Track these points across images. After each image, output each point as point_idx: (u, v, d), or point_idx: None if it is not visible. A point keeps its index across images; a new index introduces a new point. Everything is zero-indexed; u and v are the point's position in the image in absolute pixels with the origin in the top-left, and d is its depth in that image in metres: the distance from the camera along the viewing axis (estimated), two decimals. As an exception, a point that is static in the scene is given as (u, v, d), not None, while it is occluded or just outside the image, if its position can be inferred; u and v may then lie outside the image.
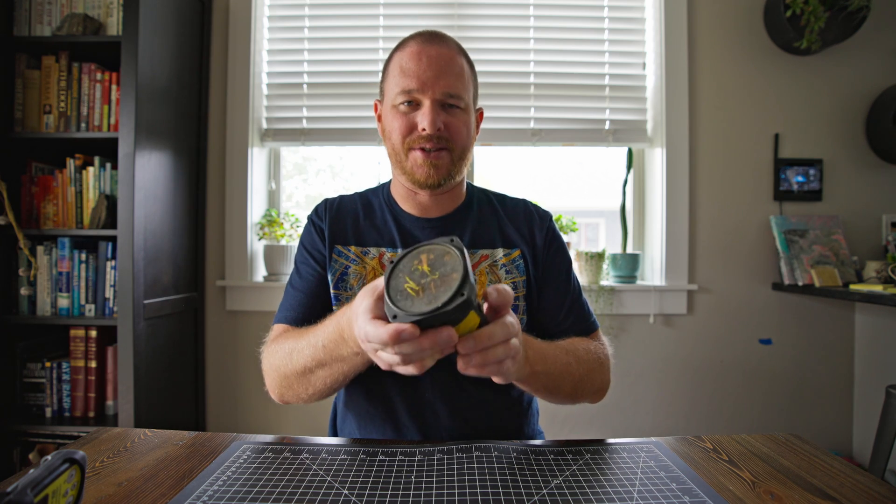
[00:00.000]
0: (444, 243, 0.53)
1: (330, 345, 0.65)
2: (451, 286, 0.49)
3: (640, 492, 0.57)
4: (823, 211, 1.86)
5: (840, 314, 1.88)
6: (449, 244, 0.53)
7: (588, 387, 0.80)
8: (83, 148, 1.63)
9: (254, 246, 1.91)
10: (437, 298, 0.48)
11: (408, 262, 0.53)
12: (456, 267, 0.50)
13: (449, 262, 0.51)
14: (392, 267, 0.54)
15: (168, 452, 0.68)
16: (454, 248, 0.52)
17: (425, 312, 0.48)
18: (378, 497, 0.56)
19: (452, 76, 0.80)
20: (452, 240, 0.53)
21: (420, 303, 0.49)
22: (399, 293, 0.51)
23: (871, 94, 1.86)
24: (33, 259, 1.58)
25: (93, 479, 0.59)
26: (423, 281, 0.51)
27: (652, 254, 1.96)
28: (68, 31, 1.58)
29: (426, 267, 0.51)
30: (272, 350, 0.79)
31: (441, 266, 0.51)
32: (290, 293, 0.88)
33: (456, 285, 0.48)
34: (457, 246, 0.52)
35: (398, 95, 0.80)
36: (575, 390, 0.78)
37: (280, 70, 1.93)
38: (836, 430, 1.88)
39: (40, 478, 0.45)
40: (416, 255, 0.53)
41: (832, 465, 0.65)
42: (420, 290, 0.50)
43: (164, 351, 1.64)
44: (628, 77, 1.93)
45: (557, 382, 0.74)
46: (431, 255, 0.52)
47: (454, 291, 0.48)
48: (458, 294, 0.48)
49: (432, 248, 0.53)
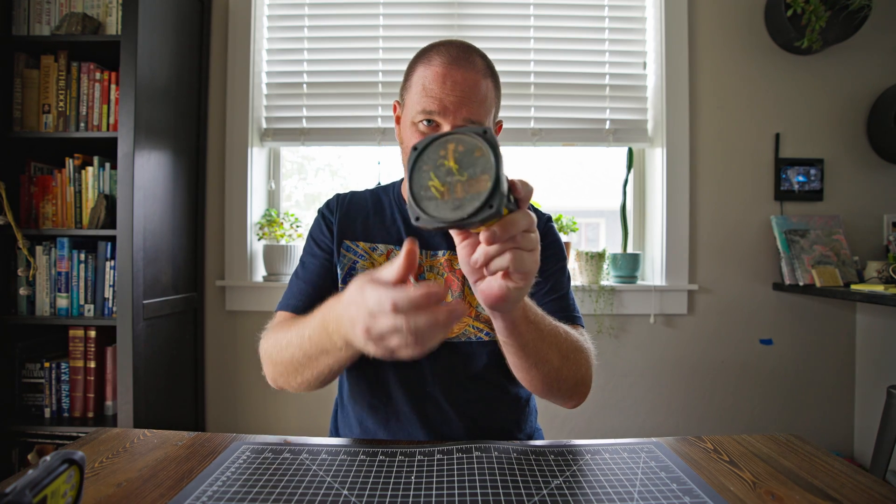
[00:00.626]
0: (475, 135, 0.47)
1: (315, 337, 0.65)
2: (481, 194, 0.45)
3: (641, 492, 0.57)
4: (824, 211, 1.86)
5: (841, 314, 1.88)
6: (481, 138, 0.47)
7: (572, 369, 0.74)
8: (82, 148, 1.63)
9: (253, 246, 1.91)
10: (464, 207, 0.45)
11: (433, 153, 0.48)
12: (486, 168, 0.45)
13: (479, 160, 0.46)
14: (416, 155, 0.49)
15: (167, 453, 0.68)
16: (486, 144, 0.46)
17: (450, 220, 0.45)
18: (378, 498, 0.56)
19: (475, 103, 0.78)
20: (486, 131, 0.47)
21: (444, 207, 0.46)
22: (423, 190, 0.47)
23: (873, 93, 1.86)
24: (32, 259, 1.58)
25: (92, 479, 0.59)
26: (448, 179, 0.46)
27: (652, 254, 1.96)
28: (67, 31, 1.57)
29: (453, 163, 0.47)
30: (269, 336, 0.79)
31: (470, 165, 0.46)
32: (294, 283, 0.89)
33: (485, 195, 0.44)
34: (489, 141, 0.46)
35: (418, 114, 0.79)
36: (561, 366, 0.72)
37: (280, 69, 1.93)
38: (837, 431, 1.88)
39: (39, 479, 0.45)
40: (443, 143, 0.48)
41: (833, 465, 0.65)
42: (445, 192, 0.46)
43: (163, 351, 1.63)
44: (629, 77, 1.92)
45: (545, 348, 0.68)
46: (460, 148, 0.47)
47: (483, 202, 0.44)
48: (486, 206, 0.44)
49: (461, 139, 0.48)
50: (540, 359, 0.69)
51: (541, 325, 0.68)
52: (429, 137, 0.49)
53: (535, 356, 0.68)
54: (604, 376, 1.88)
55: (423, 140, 0.49)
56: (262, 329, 0.83)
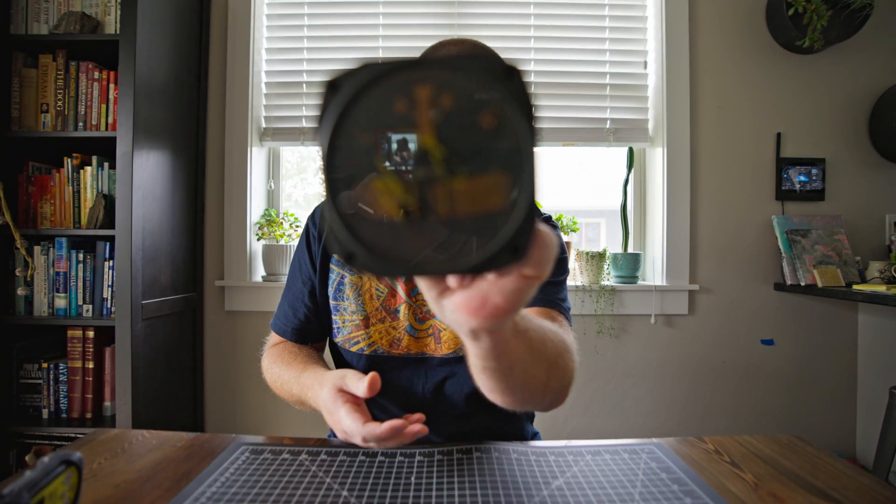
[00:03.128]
0: (484, 76, 0.24)
1: (302, 395, 0.76)
2: (492, 219, 0.24)
3: (642, 493, 0.56)
4: (826, 211, 1.86)
5: (843, 315, 1.87)
6: (495, 83, 0.24)
7: (559, 377, 0.60)
8: (81, 147, 1.62)
9: (253, 246, 1.91)
10: (452, 244, 0.24)
11: (382, 105, 0.24)
12: (509, 157, 0.24)
13: (490, 137, 0.24)
14: (341, 107, 0.24)
15: (166, 454, 0.68)
16: (510, 101, 0.24)
17: (425, 272, 0.25)
18: (377, 499, 0.55)
19: None
20: (510, 71, 0.24)
21: (409, 241, 0.24)
22: (359, 196, 0.24)
23: (875, 92, 1.86)
24: (30, 259, 1.57)
25: (90, 480, 0.59)
26: (417, 176, 0.24)
27: (653, 254, 1.95)
28: (66, 30, 1.57)
29: (430, 139, 0.24)
30: (268, 362, 0.87)
31: (468, 145, 0.24)
32: (282, 305, 0.91)
33: (514, 227, 0.24)
34: (516, 93, 0.24)
35: None
36: (549, 378, 0.57)
37: (279, 69, 1.93)
38: (839, 432, 1.88)
39: (37, 480, 0.45)
40: (410, 82, 0.24)
41: (835, 466, 0.64)
42: (410, 204, 0.24)
43: (162, 351, 1.63)
44: (629, 76, 1.92)
45: (533, 363, 0.53)
46: (448, 101, 0.24)
47: (502, 244, 0.24)
48: (507, 249, 0.24)
49: (452, 82, 0.24)
50: (527, 378, 0.52)
51: (529, 332, 0.51)
52: (374, 65, 0.24)
53: (521, 376, 0.51)
54: (605, 377, 1.88)
55: (359, 69, 0.24)
56: (261, 330, 0.85)
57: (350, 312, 0.83)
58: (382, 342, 0.82)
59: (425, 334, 0.83)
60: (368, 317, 0.83)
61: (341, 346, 0.85)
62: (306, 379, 0.75)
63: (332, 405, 0.64)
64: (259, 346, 0.87)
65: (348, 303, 0.84)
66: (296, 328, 0.88)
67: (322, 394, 0.67)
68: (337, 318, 0.85)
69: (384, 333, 0.82)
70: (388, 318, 0.83)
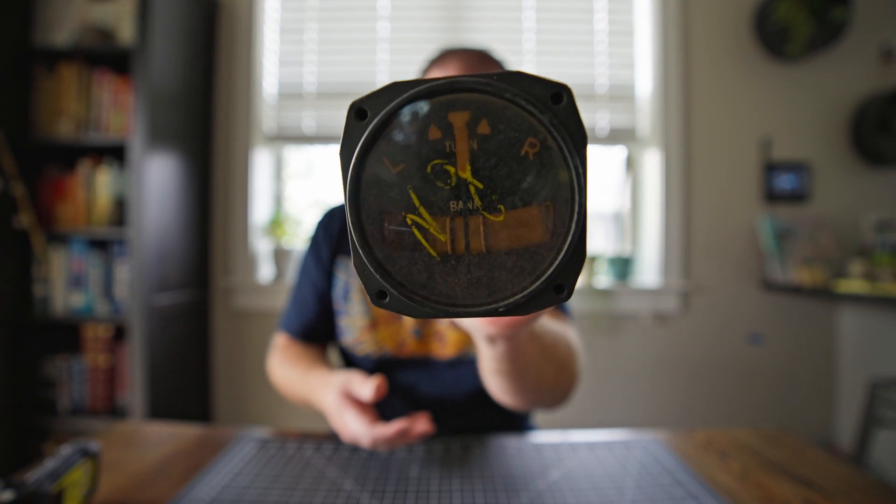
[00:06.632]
0: (526, 101, 0.22)
1: (308, 398, 0.76)
2: (534, 253, 0.22)
3: (636, 483, 0.59)
4: (811, 212, 1.88)
5: (826, 313, 1.90)
6: (540, 108, 0.22)
7: (567, 378, 0.65)
8: (95, 151, 1.66)
9: (259, 247, 1.95)
10: (494, 282, 0.23)
11: (414, 134, 0.22)
12: (553, 188, 0.22)
13: (533, 167, 0.22)
14: (370, 135, 0.22)
15: (179, 445, 0.71)
16: (555, 130, 0.22)
17: (464, 311, 0.23)
18: (381, 490, 0.58)
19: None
20: (560, 93, 0.22)
21: (444, 277, 0.23)
22: (388, 229, 0.23)
23: (856, 99, 1.88)
24: (48, 259, 1.62)
25: (106, 470, 0.62)
26: (454, 209, 0.22)
27: (647, 254, 1.97)
28: (83, 43, 1.60)
29: (469, 173, 0.22)
30: (275, 363, 0.87)
31: (509, 177, 0.22)
32: (290, 305, 0.90)
33: (555, 265, 0.22)
34: (564, 121, 0.22)
35: None
36: (557, 380, 0.62)
37: (285, 77, 1.96)
38: (822, 424, 1.91)
39: (57, 469, 0.48)
40: (443, 108, 0.22)
41: (818, 457, 0.66)
42: (445, 240, 0.23)
43: (174, 347, 1.67)
44: (624, 83, 1.94)
45: (545, 366, 0.57)
46: (486, 130, 0.22)
47: (545, 279, 0.22)
48: (549, 286, 0.23)
49: (490, 108, 0.22)
50: (539, 380, 0.55)
51: (543, 336, 0.54)
52: (404, 86, 0.22)
53: (534, 378, 0.53)
54: (599, 375, 1.90)
55: (387, 91, 0.23)
56: (267, 329, 0.86)
57: (357, 316, 0.84)
58: (389, 345, 0.83)
59: (430, 337, 0.83)
60: (375, 321, 0.83)
61: (348, 349, 0.86)
62: (312, 381, 0.75)
63: (338, 409, 0.64)
64: (265, 342, 0.88)
65: (355, 307, 0.85)
66: (303, 327, 0.88)
67: (328, 397, 0.67)
68: (343, 321, 0.86)
69: (391, 337, 0.83)
70: (395, 322, 0.83)
